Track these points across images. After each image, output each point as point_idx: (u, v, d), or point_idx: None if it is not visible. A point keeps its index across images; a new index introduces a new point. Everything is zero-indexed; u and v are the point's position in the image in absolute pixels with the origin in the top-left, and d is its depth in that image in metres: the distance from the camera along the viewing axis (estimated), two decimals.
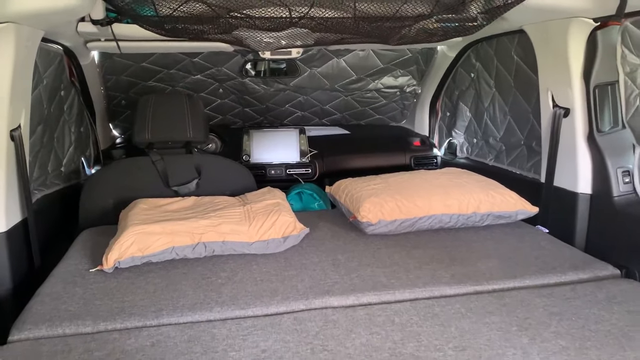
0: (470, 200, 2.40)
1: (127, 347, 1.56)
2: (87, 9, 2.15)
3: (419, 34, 2.17)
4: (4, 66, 1.99)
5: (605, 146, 2.36)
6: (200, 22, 2.09)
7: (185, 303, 1.80)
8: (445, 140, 3.93)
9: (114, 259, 2.03)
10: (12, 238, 2.15)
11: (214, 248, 2.14)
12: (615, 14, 1.97)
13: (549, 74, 2.52)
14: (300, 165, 3.70)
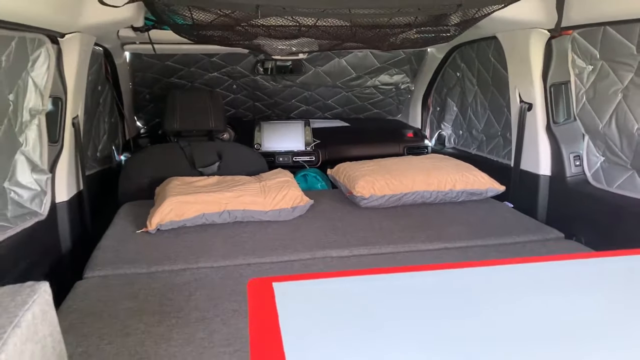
0: (448, 180, 2.93)
1: (176, 281, 2.10)
2: (134, 20, 2.69)
3: (404, 42, 2.70)
4: (70, 68, 2.53)
5: (560, 135, 2.88)
6: (225, 30, 2.62)
7: (216, 253, 2.34)
8: (436, 132, 4.45)
9: (156, 222, 2.57)
10: (71, 206, 2.70)
11: (236, 215, 2.68)
12: (554, 28, 2.50)
13: (516, 74, 3.05)
14: (305, 153, 4.23)
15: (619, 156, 2.58)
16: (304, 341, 0.80)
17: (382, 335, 0.81)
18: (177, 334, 1.71)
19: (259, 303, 0.95)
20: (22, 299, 1.07)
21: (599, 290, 0.99)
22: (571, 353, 0.74)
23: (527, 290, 0.99)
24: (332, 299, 0.95)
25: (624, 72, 2.45)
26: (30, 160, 2.41)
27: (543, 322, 0.86)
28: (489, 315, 0.87)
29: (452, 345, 0.79)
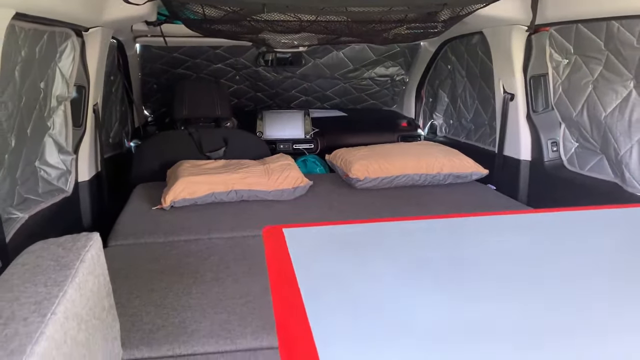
0: (436, 164, 3.22)
1: (191, 249, 2.38)
2: (149, 16, 2.95)
3: (396, 36, 2.98)
4: (92, 59, 2.80)
5: (539, 123, 3.17)
6: (233, 24, 2.89)
7: (226, 226, 2.63)
8: (428, 121, 4.73)
9: (170, 200, 2.86)
10: (92, 185, 2.97)
11: (242, 194, 2.96)
12: (529, 25, 2.78)
13: (500, 67, 3.32)
14: (304, 141, 4.50)
15: (590, 142, 2.86)
16: (310, 270, 1.07)
17: (372, 262, 1.10)
18: (195, 290, 1.99)
19: (272, 244, 1.23)
20: (82, 244, 1.35)
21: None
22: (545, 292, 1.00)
23: (502, 232, 1.27)
24: (331, 239, 1.23)
25: (594, 65, 2.73)
26: (57, 142, 2.68)
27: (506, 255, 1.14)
28: (473, 255, 1.14)
29: (431, 269, 1.07)
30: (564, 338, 0.80)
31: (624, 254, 1.12)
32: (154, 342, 1.66)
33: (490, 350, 0.77)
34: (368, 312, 0.88)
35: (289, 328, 0.83)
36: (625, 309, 0.90)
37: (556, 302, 0.92)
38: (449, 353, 0.76)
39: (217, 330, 1.72)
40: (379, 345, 0.78)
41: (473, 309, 0.88)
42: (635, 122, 2.52)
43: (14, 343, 0.92)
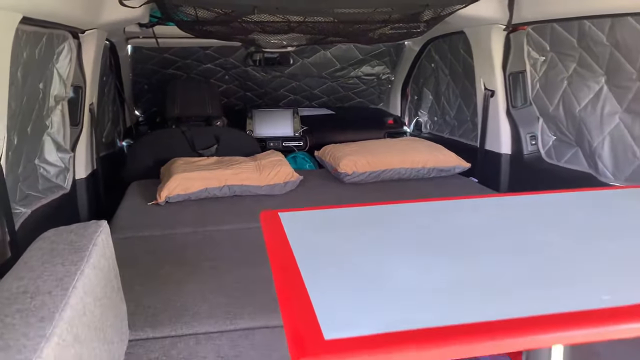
0: (420, 158, 3.36)
1: (187, 241, 2.50)
2: (143, 18, 3.06)
3: (381, 36, 3.12)
4: (88, 61, 2.91)
5: (518, 118, 3.32)
6: (224, 26, 3.01)
7: (220, 219, 2.75)
8: (414, 119, 4.89)
9: (165, 195, 2.97)
10: (88, 182, 3.08)
11: (235, 189, 3.08)
12: (506, 25, 2.94)
13: (480, 65, 3.48)
14: (293, 138, 4.62)
15: (566, 135, 3.02)
16: (305, 246, 1.18)
17: (361, 238, 1.23)
18: (194, 278, 2.11)
19: (269, 226, 1.36)
20: (93, 229, 1.47)
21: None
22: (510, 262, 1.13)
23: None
24: (323, 220, 1.36)
25: (568, 62, 2.89)
26: (56, 141, 2.78)
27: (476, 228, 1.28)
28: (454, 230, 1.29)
29: (413, 242, 1.20)
30: (522, 289, 0.94)
31: (582, 226, 1.27)
32: (158, 323, 1.78)
33: (461, 300, 0.91)
34: (359, 278, 1.01)
35: (288, 295, 0.96)
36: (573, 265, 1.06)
37: (517, 262, 1.07)
38: (427, 304, 0.89)
39: (217, 312, 1.85)
40: (368, 304, 0.91)
41: (448, 271, 1.02)
42: (607, 115, 2.68)
43: (43, 311, 1.04)
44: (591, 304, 0.90)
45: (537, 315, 0.86)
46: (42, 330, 0.98)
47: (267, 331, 1.74)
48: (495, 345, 0.81)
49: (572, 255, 1.13)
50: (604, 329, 0.85)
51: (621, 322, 0.85)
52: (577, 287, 0.98)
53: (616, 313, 0.87)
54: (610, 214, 1.39)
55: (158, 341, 1.70)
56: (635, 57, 2.42)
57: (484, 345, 0.80)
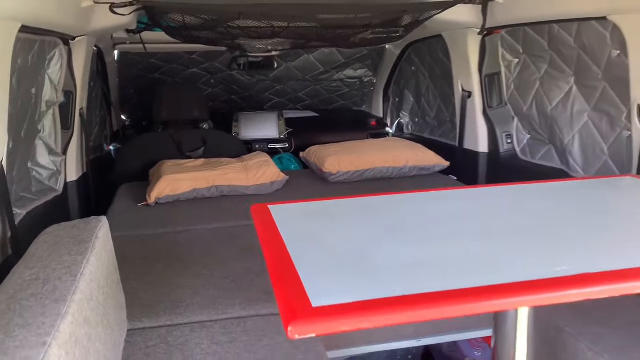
0: (402, 157, 3.50)
1: (178, 239, 2.61)
2: (130, 24, 3.16)
3: (362, 41, 3.26)
4: (78, 66, 3.00)
5: (494, 118, 3.48)
6: (211, 31, 3.13)
7: (209, 218, 2.86)
8: (396, 120, 5.04)
9: (155, 196, 3.07)
10: (79, 185, 3.16)
11: (223, 190, 3.19)
12: (480, 29, 3.10)
13: (458, 67, 3.63)
14: (279, 140, 4.74)
15: (540, 133, 3.19)
16: (293, 232, 1.30)
17: (345, 224, 1.35)
18: (185, 272, 2.22)
19: (260, 217, 1.47)
20: (94, 224, 1.57)
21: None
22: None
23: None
24: (310, 211, 1.48)
25: (540, 63, 3.05)
26: (47, 144, 2.87)
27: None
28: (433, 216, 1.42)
29: (393, 227, 1.33)
30: (485, 264, 1.07)
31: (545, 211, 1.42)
32: (153, 314, 1.89)
33: (431, 273, 1.04)
34: (342, 258, 1.13)
35: (279, 273, 1.08)
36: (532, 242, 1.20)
37: (481, 242, 1.21)
38: (400, 278, 1.02)
39: (209, 303, 1.96)
40: (349, 278, 1.04)
41: (420, 251, 1.15)
42: (576, 114, 2.85)
43: (56, 294, 1.15)
44: (547, 274, 1.03)
45: (498, 283, 0.99)
46: (58, 310, 1.09)
47: (258, 319, 1.86)
48: (461, 308, 0.94)
49: (531, 235, 1.27)
50: (557, 294, 0.99)
51: (570, 288, 0.99)
52: (534, 260, 1.11)
53: (567, 281, 1.00)
54: (567, 200, 1.54)
55: (155, 330, 1.80)
56: (600, 58, 2.59)
57: (451, 308, 0.94)
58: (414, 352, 2.61)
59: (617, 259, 1.07)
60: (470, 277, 1.03)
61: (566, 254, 1.15)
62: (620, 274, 1.00)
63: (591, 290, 0.98)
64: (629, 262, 1.05)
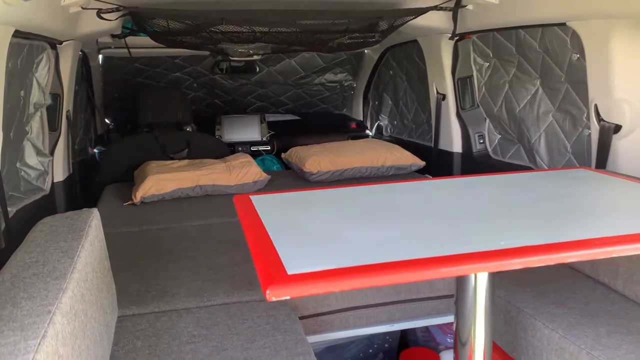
0: (379, 157, 3.66)
1: (164, 235, 2.72)
2: (116, 29, 3.28)
3: (340, 45, 3.42)
4: (65, 70, 3.11)
5: (467, 119, 3.66)
6: (194, 35, 3.26)
7: (193, 216, 2.98)
8: (375, 122, 5.20)
9: (140, 196, 3.18)
10: (66, 185, 3.26)
11: (206, 189, 3.32)
12: (451, 34, 3.28)
13: (432, 71, 3.81)
14: (261, 143, 4.88)
15: (509, 133, 3.37)
16: (272, 218, 1.44)
17: (320, 210, 1.49)
18: (172, 265, 2.34)
19: (242, 206, 1.61)
20: (87, 215, 1.70)
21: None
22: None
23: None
24: (288, 200, 1.62)
25: (508, 67, 3.24)
26: (35, 145, 2.97)
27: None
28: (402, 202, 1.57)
29: (362, 212, 1.48)
30: (443, 240, 1.23)
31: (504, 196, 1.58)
32: (142, 302, 2.01)
33: (396, 247, 1.19)
34: (316, 236, 1.27)
35: (259, 249, 1.21)
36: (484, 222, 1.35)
37: (442, 223, 1.36)
38: (367, 251, 1.17)
39: (194, 292, 2.08)
40: (321, 252, 1.18)
41: (387, 230, 1.30)
42: (542, 114, 3.03)
43: (56, 273, 1.27)
44: (494, 247, 1.18)
45: (455, 254, 1.14)
46: (59, 285, 1.21)
47: (240, 305, 1.99)
48: (422, 274, 1.09)
49: (485, 217, 1.43)
50: (500, 263, 1.14)
51: (510, 258, 1.14)
52: (485, 236, 1.27)
53: (507, 253, 1.16)
54: (521, 189, 1.70)
55: (143, 316, 1.92)
56: (562, 61, 2.77)
57: (413, 274, 1.08)
58: (390, 341, 2.75)
59: (554, 235, 1.23)
60: (431, 249, 1.18)
61: (512, 231, 1.31)
62: (553, 247, 1.16)
63: (528, 260, 1.13)
64: (563, 237, 1.21)
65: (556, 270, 2.21)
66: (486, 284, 1.34)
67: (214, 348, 1.70)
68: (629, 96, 2.32)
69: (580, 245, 1.17)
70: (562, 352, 1.72)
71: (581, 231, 1.27)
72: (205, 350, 1.69)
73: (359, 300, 2.15)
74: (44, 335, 1.02)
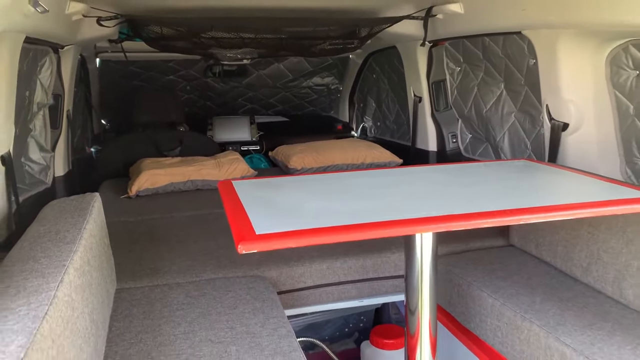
0: (360, 155, 3.95)
1: (158, 224, 2.99)
2: (113, 35, 3.56)
3: (321, 51, 3.71)
4: (66, 72, 3.38)
5: (441, 120, 3.95)
6: (186, 40, 3.54)
7: (185, 207, 3.25)
8: (360, 124, 5.49)
9: (136, 189, 3.45)
10: (66, 180, 3.53)
11: (197, 184, 3.59)
12: (422, 41, 3.57)
13: (410, 75, 4.10)
14: (251, 143, 5.15)
15: (478, 132, 3.66)
16: (249, 196, 1.72)
17: (291, 191, 1.77)
18: (164, 249, 2.61)
19: (225, 189, 1.89)
20: (90, 198, 1.97)
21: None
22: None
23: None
24: (265, 184, 1.91)
25: (477, 71, 3.53)
26: (38, 142, 3.24)
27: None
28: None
29: (331, 192, 1.75)
30: (395, 210, 1.51)
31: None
32: (137, 277, 2.28)
33: (353, 216, 1.46)
34: (284, 208, 1.55)
35: (235, 217, 1.49)
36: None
37: (396, 199, 1.64)
38: (327, 218, 1.44)
39: (184, 270, 2.36)
40: (287, 219, 1.46)
41: (348, 204, 1.58)
42: (506, 115, 3.32)
43: (67, 239, 1.54)
44: (430, 214, 1.46)
45: (401, 219, 1.42)
46: (70, 248, 1.48)
47: (225, 280, 2.26)
48: (371, 233, 1.37)
49: (429, 195, 1.71)
50: (437, 226, 1.42)
51: (441, 222, 1.42)
52: (426, 207, 1.55)
53: (440, 219, 1.44)
54: (466, 175, 1.99)
55: (139, 289, 2.20)
56: (521, 66, 3.06)
57: (362, 233, 1.36)
58: (364, 321, 3.03)
59: (476, 207, 1.52)
60: (383, 216, 1.45)
61: (446, 203, 1.60)
62: (473, 215, 1.44)
63: (454, 224, 1.41)
64: (482, 207, 1.49)
65: (507, 252, 2.50)
66: (423, 242, 1.62)
67: (200, 313, 1.97)
68: (574, 97, 2.61)
69: (496, 214, 1.45)
70: (501, 317, 2.00)
71: (500, 204, 1.56)
72: (193, 314, 1.96)
73: (331, 278, 2.43)
74: (61, 281, 1.29)
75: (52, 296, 1.20)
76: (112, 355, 1.71)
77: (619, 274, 1.98)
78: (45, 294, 1.21)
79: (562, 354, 1.73)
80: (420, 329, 1.76)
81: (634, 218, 1.92)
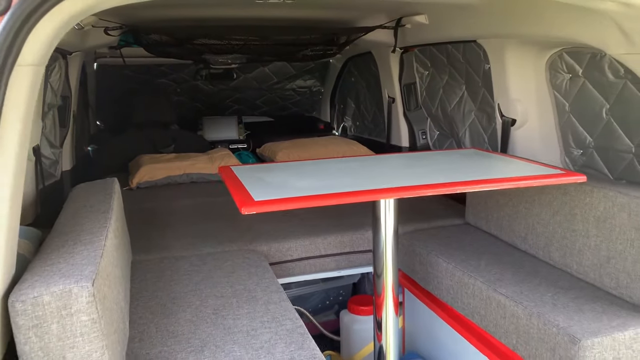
0: (340, 151, 4.39)
1: (158, 210, 3.40)
2: (114, 42, 3.96)
3: (304, 56, 4.15)
4: (73, 76, 3.77)
5: (412, 119, 4.41)
6: (181, 47, 3.95)
7: (182, 197, 3.66)
8: (341, 124, 5.94)
9: (136, 182, 3.85)
10: (71, 174, 3.92)
11: (192, 177, 4.00)
12: (392, 48, 4.03)
13: (384, 78, 4.56)
14: (238, 141, 5.57)
15: (444, 129, 4.12)
16: (246, 177, 2.15)
17: (283, 172, 2.20)
18: (167, 229, 3.02)
19: (225, 172, 2.31)
20: (111, 182, 2.37)
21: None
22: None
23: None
24: (261, 168, 2.33)
25: (442, 75, 4.00)
26: (49, 139, 3.62)
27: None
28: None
29: (314, 173, 2.19)
30: (362, 185, 1.94)
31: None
32: (148, 252, 2.69)
33: (327, 189, 1.90)
34: (275, 185, 1.98)
35: (236, 190, 1.91)
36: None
37: (363, 178, 2.08)
38: (310, 190, 1.88)
39: (187, 245, 2.77)
40: (277, 191, 1.89)
41: (327, 181, 2.01)
42: (467, 113, 3.79)
43: (102, 210, 1.95)
44: (389, 186, 1.90)
45: (366, 189, 1.86)
46: (106, 216, 1.89)
47: (224, 253, 2.68)
48: (346, 199, 1.80)
49: (389, 175, 2.16)
50: (396, 193, 1.86)
51: (396, 192, 1.86)
52: (385, 182, 1.99)
53: (394, 190, 1.88)
54: (421, 161, 2.44)
55: (150, 260, 2.61)
56: (478, 70, 3.53)
57: (338, 199, 1.79)
58: (343, 294, 3.46)
59: (427, 181, 1.96)
60: (353, 188, 1.89)
61: (404, 179, 2.04)
62: (423, 186, 1.89)
63: (408, 192, 1.85)
64: (431, 182, 1.94)
65: (463, 229, 2.96)
66: (387, 208, 2.07)
67: (204, 277, 2.39)
68: (520, 97, 3.08)
69: (438, 186, 1.90)
70: (453, 277, 2.45)
71: (441, 179, 2.01)
72: (198, 277, 2.38)
73: (314, 251, 2.86)
74: (106, 236, 1.70)
75: (102, 245, 1.62)
76: (135, 306, 2.13)
77: (548, 240, 2.44)
78: (97, 243, 1.62)
79: (498, 302, 2.19)
80: (385, 290, 2.18)
81: (559, 194, 2.38)
